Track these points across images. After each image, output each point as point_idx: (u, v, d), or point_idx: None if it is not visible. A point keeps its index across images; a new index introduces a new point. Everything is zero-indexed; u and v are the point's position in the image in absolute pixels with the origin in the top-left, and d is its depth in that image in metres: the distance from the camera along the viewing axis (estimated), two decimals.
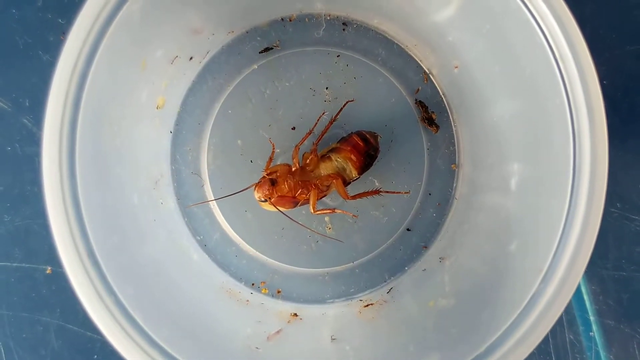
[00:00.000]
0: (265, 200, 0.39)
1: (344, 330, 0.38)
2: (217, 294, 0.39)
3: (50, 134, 0.30)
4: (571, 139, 0.32)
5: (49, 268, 0.41)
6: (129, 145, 0.36)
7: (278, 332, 0.37)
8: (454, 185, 0.42)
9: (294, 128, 0.42)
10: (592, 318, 0.42)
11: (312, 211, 0.39)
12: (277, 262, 0.42)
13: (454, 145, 0.42)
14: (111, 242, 0.32)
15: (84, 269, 0.30)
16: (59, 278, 0.41)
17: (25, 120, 0.42)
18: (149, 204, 0.37)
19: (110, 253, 0.31)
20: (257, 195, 0.39)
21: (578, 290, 0.42)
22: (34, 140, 0.41)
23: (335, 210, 0.40)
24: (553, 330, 0.33)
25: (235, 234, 0.42)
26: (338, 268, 0.42)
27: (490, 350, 0.32)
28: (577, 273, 0.30)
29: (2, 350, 0.41)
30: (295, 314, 0.40)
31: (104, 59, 0.31)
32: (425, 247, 0.42)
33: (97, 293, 0.30)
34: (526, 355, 0.30)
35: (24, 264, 0.41)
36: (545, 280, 0.31)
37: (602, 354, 0.43)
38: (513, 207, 0.36)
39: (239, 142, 0.42)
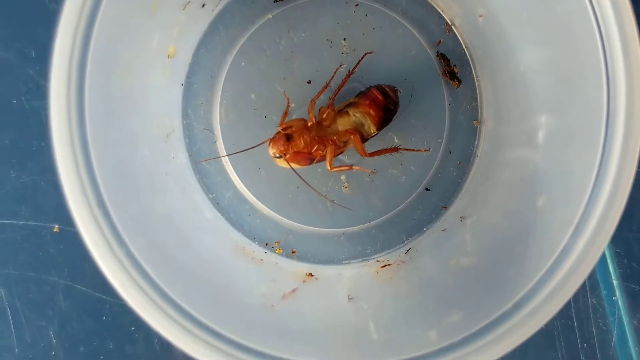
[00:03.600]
0: (280, 157, 0.37)
1: (361, 290, 0.37)
2: (231, 252, 0.38)
3: (58, 75, 0.28)
4: (605, 87, 0.30)
5: (57, 226, 0.40)
6: (139, 94, 0.34)
7: (293, 290, 0.36)
8: (476, 142, 0.40)
9: (309, 82, 0.40)
10: (615, 282, 0.41)
11: (329, 168, 0.38)
12: (291, 222, 0.41)
13: (477, 101, 0.40)
14: (122, 193, 0.30)
15: (94, 217, 0.28)
16: (67, 237, 0.40)
17: (31, 72, 0.40)
18: (160, 157, 0.36)
19: (121, 203, 0.30)
20: (271, 151, 0.37)
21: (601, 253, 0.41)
22: (41, 93, 0.39)
23: (353, 167, 0.39)
24: (575, 294, 0.32)
25: (248, 192, 0.40)
26: (354, 228, 0.41)
27: (518, 306, 0.30)
28: (608, 228, 0.29)
29: (9, 311, 0.40)
30: (311, 274, 0.38)
31: (112, 1, 0.29)
32: (445, 207, 0.40)
33: (108, 243, 0.28)
34: (557, 310, 0.29)
35: (30, 222, 0.40)
36: (576, 233, 0.29)
37: (625, 319, 0.41)
38: (541, 161, 0.35)
39: (253, 96, 0.40)
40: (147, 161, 0.34)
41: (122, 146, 0.32)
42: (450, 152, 0.40)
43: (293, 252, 0.40)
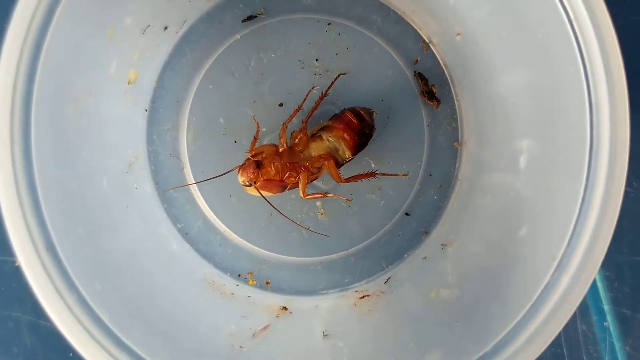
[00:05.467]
0: (251, 185, 0.35)
1: (338, 324, 0.35)
2: (199, 287, 0.36)
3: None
4: (587, 111, 0.28)
5: (18, 260, 0.38)
6: (96, 125, 0.32)
7: (265, 327, 0.34)
8: (457, 165, 0.38)
9: (281, 104, 0.38)
10: (606, 307, 0.39)
11: (302, 196, 0.36)
12: (265, 251, 0.39)
13: (457, 121, 0.38)
14: (75, 233, 0.29)
15: (42, 263, 0.26)
16: None
17: None
18: (121, 190, 0.34)
19: (74, 245, 0.28)
20: (241, 179, 0.35)
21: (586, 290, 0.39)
22: None
23: (328, 194, 0.37)
24: None
25: (219, 221, 0.39)
26: (332, 256, 0.39)
27: (498, 348, 0.28)
28: (595, 262, 0.27)
29: None
30: (285, 308, 0.36)
31: (62, 24, 0.27)
32: (426, 232, 0.38)
33: (56, 289, 0.27)
34: (538, 354, 0.27)
35: None
36: (560, 269, 0.27)
37: (617, 345, 0.40)
38: (522, 187, 0.33)
39: (221, 120, 0.38)
40: (106, 195, 0.32)
41: (76, 182, 0.30)
42: (430, 175, 0.38)
43: (267, 282, 0.38)
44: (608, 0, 0.28)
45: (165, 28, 0.36)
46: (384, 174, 0.38)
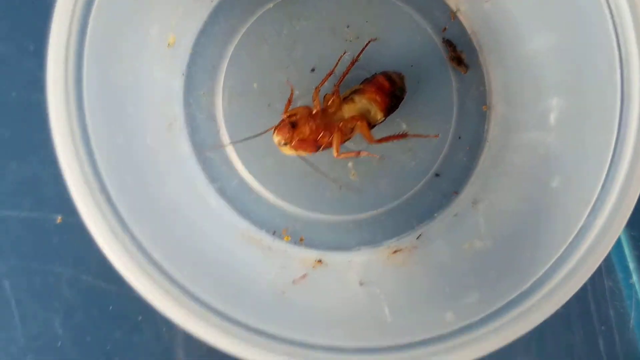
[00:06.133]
0: (286, 144, 0.37)
1: (373, 275, 0.36)
2: (238, 240, 0.37)
3: (55, 68, 0.28)
4: (618, 67, 0.29)
5: (59, 217, 0.39)
6: (139, 84, 0.33)
7: (303, 276, 0.35)
8: (486, 127, 0.39)
9: (313, 69, 0.39)
10: (631, 265, 0.40)
11: (336, 155, 0.37)
12: (299, 209, 0.40)
13: (485, 86, 0.39)
14: (125, 181, 0.30)
15: (97, 206, 0.27)
16: (70, 227, 0.39)
17: (30, 65, 0.39)
18: (162, 147, 0.35)
19: (124, 192, 0.29)
20: (276, 138, 0.37)
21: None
22: (40, 86, 0.38)
23: (361, 153, 0.38)
24: (591, 277, 0.32)
25: (254, 181, 0.40)
26: (363, 215, 0.40)
27: (535, 287, 0.29)
28: (629, 203, 0.28)
29: (13, 302, 0.39)
30: (320, 261, 0.38)
31: None
32: (456, 192, 0.39)
33: (112, 231, 0.28)
34: (576, 290, 0.28)
35: (33, 213, 0.39)
36: (594, 212, 0.29)
37: None
38: (553, 143, 0.34)
39: (255, 85, 0.39)
40: (149, 150, 0.34)
41: (124, 135, 0.31)
42: (459, 138, 0.40)
43: (301, 239, 0.40)
44: None
45: None
46: (414, 135, 0.39)
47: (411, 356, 0.29)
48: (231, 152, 0.40)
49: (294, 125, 0.36)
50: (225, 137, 0.40)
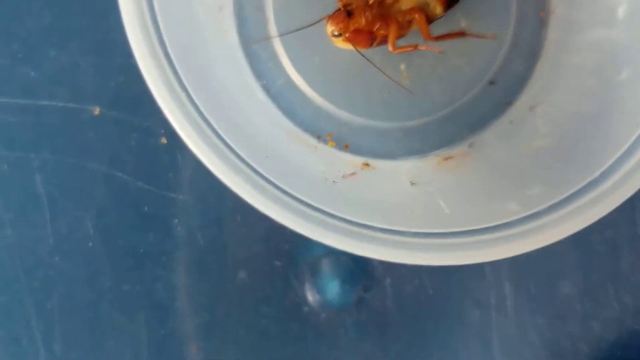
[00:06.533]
0: (339, 35, 0.35)
1: (424, 176, 0.35)
2: (286, 136, 0.35)
3: None
4: None
5: (97, 109, 0.38)
6: None
7: (353, 174, 0.34)
8: (545, 31, 0.38)
9: None
10: None
11: (391, 49, 0.35)
12: (345, 113, 0.38)
13: None
14: (182, 45, 0.28)
15: (162, 70, 0.26)
16: (108, 121, 0.37)
17: None
18: (214, 26, 0.34)
19: (182, 53, 0.27)
20: (330, 28, 0.35)
21: None
22: None
23: (418, 47, 0.36)
24: None
25: (301, 80, 0.38)
26: (412, 122, 0.38)
27: (606, 175, 0.28)
28: None
29: (45, 199, 0.38)
30: (367, 164, 0.36)
31: None
32: (510, 102, 0.38)
33: (170, 84, 0.26)
34: None
35: (70, 104, 0.37)
36: None
37: None
38: (621, 37, 0.32)
39: None
40: (202, 24, 0.32)
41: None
42: (517, 43, 0.38)
43: (346, 145, 0.38)
44: None
45: None
46: (472, 35, 0.37)
47: (474, 240, 0.28)
48: (279, 48, 0.38)
49: (349, 14, 0.35)
50: (273, 31, 0.38)
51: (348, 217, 0.27)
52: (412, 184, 0.33)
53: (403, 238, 0.28)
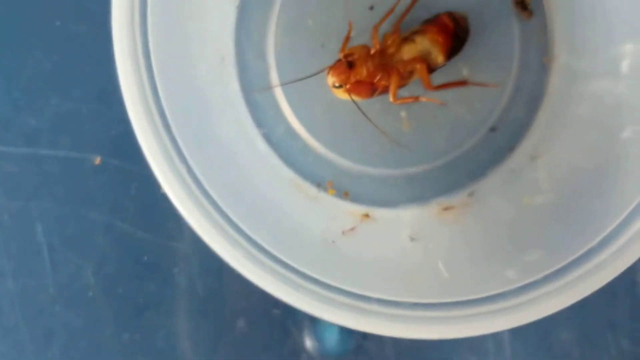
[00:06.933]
0: (340, 86, 0.35)
1: (424, 230, 0.34)
2: (287, 187, 0.35)
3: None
4: None
5: (98, 158, 0.38)
6: (196, 9, 0.32)
7: (352, 228, 0.34)
8: (547, 78, 0.38)
9: (372, 7, 0.37)
10: None
11: (392, 100, 0.35)
12: (345, 161, 0.38)
13: (547, 34, 0.37)
14: (181, 107, 0.28)
15: (154, 123, 0.26)
16: (109, 170, 0.37)
17: None
18: (215, 80, 0.33)
19: (181, 117, 0.27)
20: (331, 79, 0.35)
21: None
22: (86, 16, 0.37)
23: (420, 98, 0.36)
24: None
25: (302, 128, 0.38)
26: (413, 169, 0.38)
27: (605, 242, 0.28)
28: None
29: (45, 248, 0.38)
30: (367, 215, 0.36)
31: None
32: (512, 148, 0.37)
33: (168, 153, 0.26)
34: None
35: (71, 153, 0.38)
36: None
37: None
38: (625, 92, 0.32)
39: (310, 22, 0.37)
40: (204, 80, 0.32)
41: (181, 59, 0.30)
42: (518, 89, 0.38)
43: (346, 193, 0.38)
44: None
45: None
46: (474, 83, 0.37)
47: (473, 313, 0.28)
48: (280, 96, 0.38)
49: (350, 65, 0.34)
50: (274, 80, 0.38)
51: (344, 287, 0.27)
52: (412, 239, 0.33)
53: (401, 311, 0.27)
